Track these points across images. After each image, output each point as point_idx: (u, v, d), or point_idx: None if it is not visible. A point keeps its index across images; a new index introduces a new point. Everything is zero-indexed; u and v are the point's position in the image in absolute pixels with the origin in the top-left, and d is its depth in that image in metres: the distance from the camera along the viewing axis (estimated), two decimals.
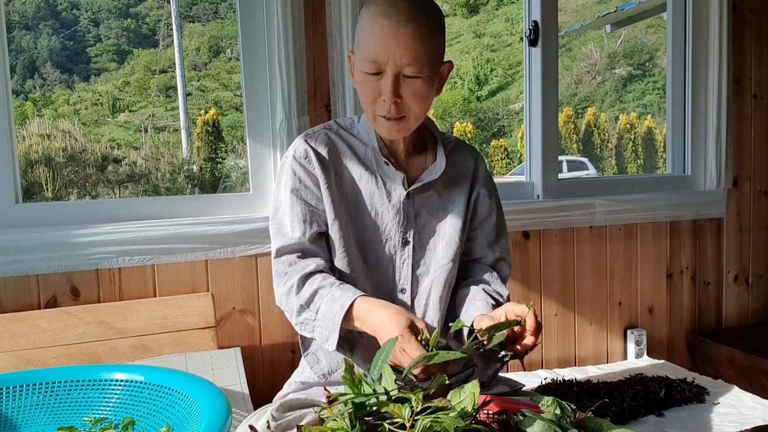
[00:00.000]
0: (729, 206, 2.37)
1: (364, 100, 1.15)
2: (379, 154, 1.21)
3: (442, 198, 1.25)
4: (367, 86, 1.12)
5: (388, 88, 1.09)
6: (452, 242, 1.23)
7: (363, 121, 1.25)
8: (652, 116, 13.89)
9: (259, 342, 1.79)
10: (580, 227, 2.15)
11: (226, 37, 17.66)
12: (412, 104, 1.13)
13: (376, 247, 1.21)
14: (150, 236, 1.65)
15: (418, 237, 1.23)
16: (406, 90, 1.11)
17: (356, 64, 1.14)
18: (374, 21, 1.08)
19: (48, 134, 8.94)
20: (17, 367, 1.46)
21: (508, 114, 16.34)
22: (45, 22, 18.17)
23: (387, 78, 1.10)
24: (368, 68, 1.10)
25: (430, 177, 1.22)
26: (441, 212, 1.25)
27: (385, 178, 1.21)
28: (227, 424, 0.99)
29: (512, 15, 19.11)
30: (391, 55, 1.08)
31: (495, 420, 0.85)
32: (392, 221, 1.21)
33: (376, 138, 1.21)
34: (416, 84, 1.11)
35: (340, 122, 1.28)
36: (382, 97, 1.11)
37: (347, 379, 0.83)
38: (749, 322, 2.45)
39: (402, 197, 1.21)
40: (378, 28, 1.08)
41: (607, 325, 2.22)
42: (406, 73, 1.10)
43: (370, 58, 1.09)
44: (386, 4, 1.08)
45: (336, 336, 1.07)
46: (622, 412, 1.66)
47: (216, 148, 11.28)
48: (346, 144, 1.23)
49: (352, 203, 1.21)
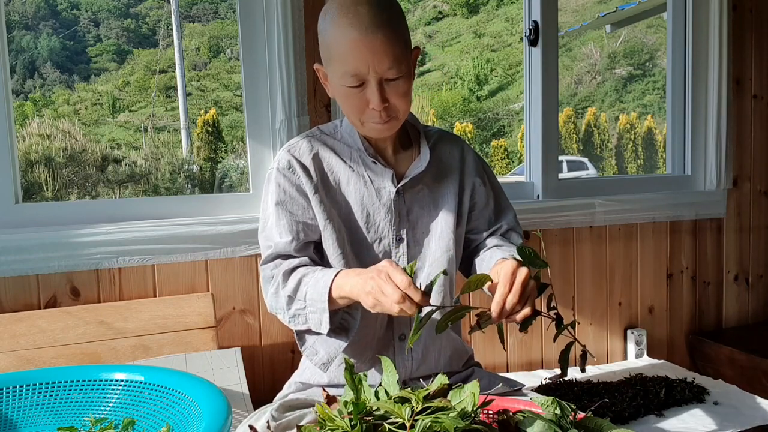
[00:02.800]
0: (729, 206, 2.37)
1: (350, 111, 1.15)
2: (365, 154, 1.21)
3: (432, 192, 1.25)
4: (352, 99, 1.11)
5: (376, 97, 1.09)
6: (444, 235, 1.23)
7: (345, 124, 1.24)
8: (652, 116, 13.90)
9: (259, 342, 1.79)
10: (580, 227, 2.15)
11: (226, 37, 17.67)
12: (399, 103, 1.13)
13: (371, 247, 1.21)
14: (150, 236, 1.65)
15: (411, 233, 1.23)
16: (391, 93, 1.11)
17: (331, 77, 1.13)
18: (341, 34, 1.06)
19: (48, 134, 8.95)
20: (17, 367, 1.46)
21: (508, 114, 16.36)
22: (45, 22, 18.18)
23: (371, 87, 1.09)
24: (350, 82, 1.09)
25: (417, 170, 1.22)
26: (432, 206, 1.24)
27: (373, 177, 1.21)
28: (227, 424, 0.99)
29: (512, 15, 19.12)
30: (370, 64, 1.06)
31: (495, 420, 0.85)
32: (384, 220, 1.21)
33: (361, 139, 1.21)
34: (398, 84, 1.11)
35: (322, 128, 1.27)
36: (370, 106, 1.11)
37: (348, 379, 0.83)
38: (749, 322, 2.45)
39: (392, 194, 1.20)
40: (347, 41, 1.06)
41: (607, 325, 2.22)
42: (388, 77, 1.09)
43: (349, 73, 1.08)
44: (349, 15, 1.06)
45: (327, 316, 1.08)
46: (622, 412, 1.66)
47: (216, 148, 11.30)
48: (330, 149, 1.23)
49: (343, 207, 1.21)
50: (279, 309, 1.17)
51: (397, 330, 1.23)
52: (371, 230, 1.21)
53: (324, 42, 1.11)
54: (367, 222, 1.20)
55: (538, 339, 2.13)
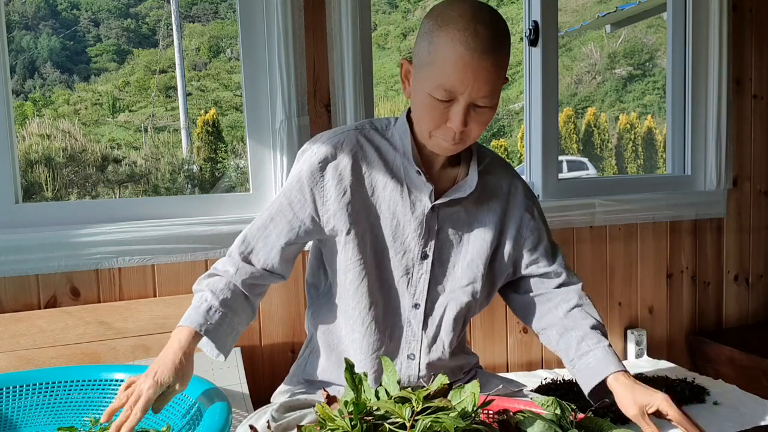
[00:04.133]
0: (729, 206, 2.37)
1: (425, 121, 1.09)
2: (410, 162, 1.16)
3: (470, 215, 1.20)
4: (434, 111, 1.06)
5: (459, 119, 1.05)
6: (474, 264, 1.19)
7: (399, 125, 1.19)
8: (652, 116, 13.90)
9: (259, 342, 1.79)
10: (580, 227, 2.15)
11: (226, 37, 17.66)
12: (476, 131, 1.09)
13: (394, 258, 1.17)
14: (150, 236, 1.65)
15: (438, 252, 1.18)
16: (473, 118, 1.07)
17: (419, 81, 1.08)
18: (452, 48, 1.01)
19: (48, 134, 8.95)
20: (17, 367, 1.46)
21: (508, 114, 16.34)
22: (45, 22, 18.17)
23: (458, 107, 1.04)
24: (440, 95, 1.04)
25: (459, 194, 1.17)
26: (466, 229, 1.20)
27: (412, 187, 1.16)
28: (227, 424, 0.99)
29: (512, 15, 19.09)
30: (469, 87, 1.02)
31: (495, 420, 0.85)
32: (413, 233, 1.16)
33: (411, 144, 1.16)
34: (485, 113, 1.07)
35: (374, 122, 1.22)
36: (449, 125, 1.06)
37: (348, 379, 0.83)
38: (749, 322, 2.45)
39: (426, 210, 1.16)
40: (456, 56, 1.01)
41: (607, 325, 2.22)
42: (479, 103, 1.05)
43: (444, 87, 1.03)
44: (466, 32, 1.01)
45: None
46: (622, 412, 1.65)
47: (216, 148, 11.29)
48: (375, 148, 1.18)
49: (372, 212, 1.17)
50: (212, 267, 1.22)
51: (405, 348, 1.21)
52: (398, 240, 1.17)
53: (427, 45, 1.05)
54: (395, 231, 1.16)
55: (538, 339, 2.12)
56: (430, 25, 1.05)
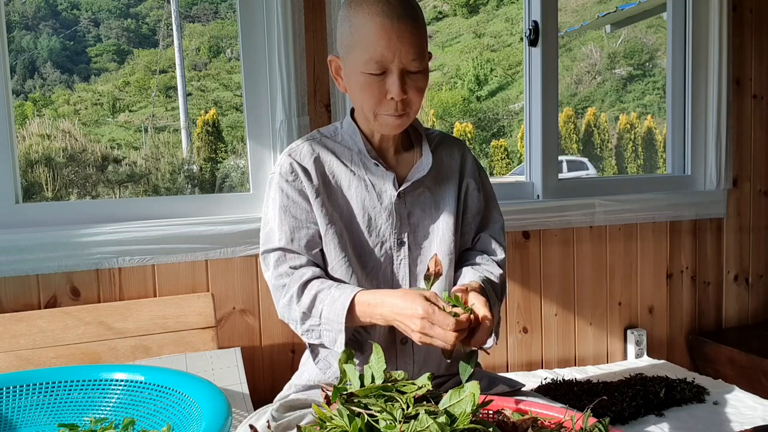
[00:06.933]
0: (729, 206, 2.37)
1: (366, 100, 1.14)
2: (366, 156, 1.20)
3: (433, 194, 1.24)
4: (372, 87, 1.11)
5: (396, 86, 1.09)
6: (446, 238, 1.23)
7: (346, 126, 1.24)
8: (652, 116, 13.90)
9: (259, 342, 1.79)
10: (580, 227, 2.15)
11: (226, 37, 17.66)
12: (415, 99, 1.14)
13: (373, 251, 1.20)
14: (150, 236, 1.65)
15: (412, 236, 1.22)
16: (411, 86, 1.11)
17: (349, 67, 1.13)
18: (370, 20, 1.08)
19: (48, 134, 8.94)
20: (17, 367, 1.46)
21: (508, 114, 16.35)
22: (45, 22, 18.18)
23: (393, 76, 1.09)
24: (372, 69, 1.09)
25: (419, 174, 1.21)
26: (433, 209, 1.24)
27: (374, 180, 1.21)
28: (227, 424, 0.99)
29: (512, 15, 19.11)
30: (397, 52, 1.08)
31: (495, 420, 0.85)
32: (385, 223, 1.20)
33: (363, 141, 1.21)
34: (418, 78, 1.12)
35: (322, 131, 1.27)
36: (389, 96, 1.11)
37: (341, 366, 0.85)
38: (749, 322, 2.45)
39: (393, 198, 1.20)
40: (377, 27, 1.07)
41: (607, 325, 2.22)
42: (411, 68, 1.10)
43: (374, 59, 1.08)
44: (380, 3, 1.08)
45: (342, 336, 1.07)
46: (622, 412, 1.66)
47: (216, 148, 11.29)
48: (331, 152, 1.22)
49: (344, 211, 1.20)
50: (292, 320, 1.16)
51: (399, 334, 1.23)
52: (373, 234, 1.20)
53: (347, 29, 1.11)
54: (368, 226, 1.20)
55: (538, 339, 2.13)
56: (346, 11, 1.13)
